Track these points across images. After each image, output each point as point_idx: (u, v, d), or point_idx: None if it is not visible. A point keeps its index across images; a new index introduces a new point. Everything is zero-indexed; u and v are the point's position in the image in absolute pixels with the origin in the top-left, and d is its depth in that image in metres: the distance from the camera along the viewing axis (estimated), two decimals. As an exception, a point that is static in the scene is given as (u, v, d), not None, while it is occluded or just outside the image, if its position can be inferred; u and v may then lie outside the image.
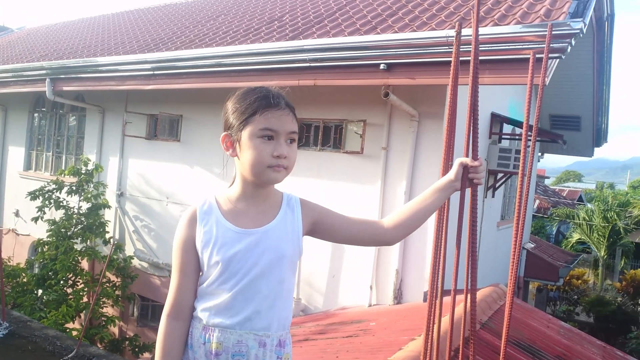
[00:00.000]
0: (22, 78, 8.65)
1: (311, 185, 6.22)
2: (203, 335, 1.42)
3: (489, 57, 4.24)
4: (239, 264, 1.40)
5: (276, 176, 1.42)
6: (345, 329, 4.68)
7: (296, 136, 1.46)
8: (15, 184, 10.31)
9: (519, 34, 4.14)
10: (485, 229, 7.57)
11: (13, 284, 7.06)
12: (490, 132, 7.39)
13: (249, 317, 1.40)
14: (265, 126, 1.40)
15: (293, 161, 1.46)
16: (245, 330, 1.40)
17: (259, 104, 1.41)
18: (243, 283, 1.40)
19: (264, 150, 1.39)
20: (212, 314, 1.42)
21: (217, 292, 1.42)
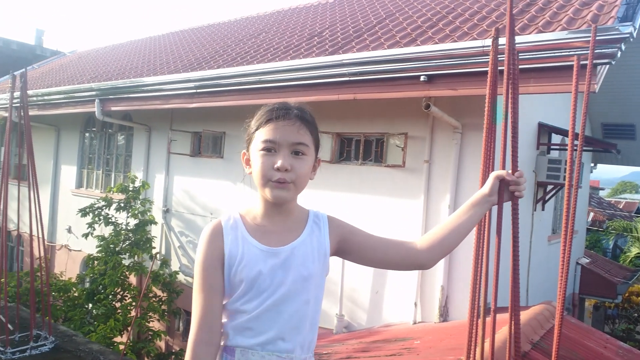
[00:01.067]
0: (73, 99, 9.00)
1: (352, 201, 6.16)
2: (223, 356, 1.37)
3: (533, 65, 4.10)
4: (264, 283, 1.35)
5: (279, 193, 1.35)
6: (388, 347, 4.57)
7: (304, 148, 1.38)
8: (68, 201, 10.70)
9: (564, 41, 3.99)
10: (536, 243, 7.28)
11: (64, 298, 7.28)
12: (538, 142, 7.15)
13: (272, 338, 1.35)
14: (265, 138, 1.36)
15: (301, 175, 1.38)
16: (268, 352, 1.35)
17: (263, 118, 1.39)
18: (268, 303, 1.35)
19: (264, 163, 1.35)
20: (233, 333, 1.37)
21: (240, 310, 1.37)
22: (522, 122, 6.98)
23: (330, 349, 4.86)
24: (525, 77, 4.24)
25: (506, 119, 1.56)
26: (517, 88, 1.55)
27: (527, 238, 7.05)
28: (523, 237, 6.95)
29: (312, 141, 1.42)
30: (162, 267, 7.77)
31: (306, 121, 1.41)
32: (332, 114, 6.34)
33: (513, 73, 1.54)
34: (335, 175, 6.33)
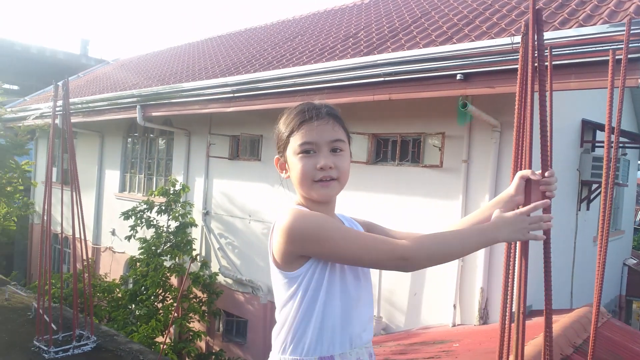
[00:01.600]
0: (116, 106, 9.27)
1: (389, 202, 6.12)
2: None
3: (573, 60, 3.97)
4: (346, 279, 1.38)
5: (326, 191, 1.37)
6: (427, 349, 4.51)
7: (342, 144, 1.40)
8: (112, 204, 11.02)
9: (603, 35, 3.85)
10: (580, 244, 7.05)
11: (109, 299, 7.50)
12: (582, 140, 6.92)
13: (359, 333, 1.38)
14: (303, 141, 1.37)
15: (344, 170, 1.39)
16: (359, 347, 1.38)
17: (295, 121, 1.39)
18: (351, 296, 1.38)
19: (306, 165, 1.36)
20: (325, 341, 1.34)
21: (328, 312, 1.35)
22: (564, 120, 6.80)
23: (368, 351, 4.83)
24: (565, 73, 4.11)
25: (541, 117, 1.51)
26: (545, 84, 1.49)
27: (572, 239, 6.84)
28: (567, 238, 6.74)
29: (346, 136, 1.44)
30: (202, 269, 7.91)
31: (337, 117, 1.43)
32: (368, 114, 6.31)
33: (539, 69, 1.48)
34: (371, 177, 6.30)
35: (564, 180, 6.55)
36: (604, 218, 1.50)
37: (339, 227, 1.36)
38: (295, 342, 1.35)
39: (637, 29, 3.59)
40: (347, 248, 1.29)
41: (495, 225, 1.36)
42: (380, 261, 1.31)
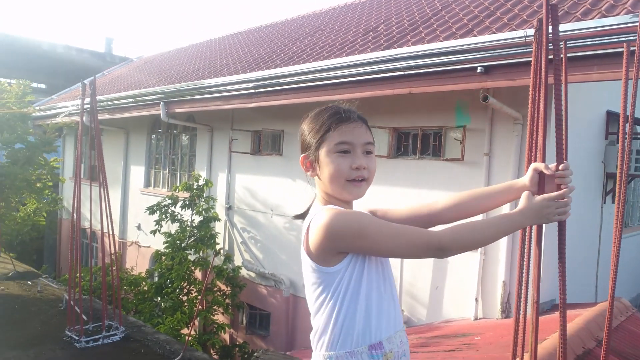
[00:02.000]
0: (140, 103, 9.44)
1: (410, 196, 6.12)
2: (374, 354, 1.38)
3: (595, 51, 3.92)
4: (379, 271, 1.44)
5: (358, 190, 1.43)
6: (448, 342, 4.53)
7: (372, 147, 1.47)
8: (137, 200, 11.24)
9: (627, 25, 3.79)
10: (605, 237, 6.95)
11: (135, 292, 7.67)
12: (607, 131, 6.81)
13: (395, 316, 1.44)
14: (340, 140, 1.41)
15: (373, 172, 1.46)
16: (400, 330, 1.44)
17: (331, 121, 1.43)
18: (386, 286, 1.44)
19: (341, 164, 1.40)
20: (377, 330, 1.39)
21: (370, 303, 1.40)
22: (589, 111, 6.71)
23: (389, 344, 4.87)
24: (587, 65, 4.07)
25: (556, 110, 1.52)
26: (560, 78, 1.51)
27: (596, 232, 6.74)
28: (592, 232, 6.66)
29: (373, 139, 1.50)
30: (226, 263, 8.02)
31: (365, 122, 1.50)
32: (388, 108, 6.32)
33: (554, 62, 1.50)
34: (392, 171, 6.31)
35: (589, 172, 6.46)
36: (618, 211, 1.51)
37: (377, 221, 1.40)
38: (344, 336, 1.37)
39: None
40: (385, 242, 1.35)
41: (521, 212, 1.41)
42: (418, 253, 1.39)
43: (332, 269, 1.37)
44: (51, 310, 3.99)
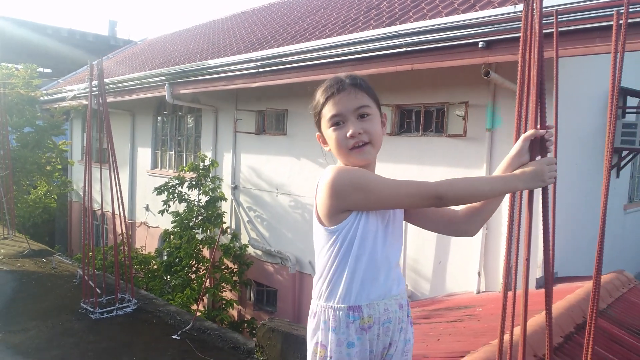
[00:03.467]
0: (145, 85, 9.49)
1: (414, 172, 6.18)
2: (350, 314, 1.46)
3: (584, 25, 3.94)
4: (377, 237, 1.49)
5: (361, 155, 1.49)
6: (450, 314, 4.63)
7: (368, 109, 1.50)
8: (144, 181, 11.37)
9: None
10: (609, 212, 7.00)
11: (145, 271, 7.84)
12: (611, 106, 6.81)
13: (388, 285, 1.51)
14: (331, 114, 1.50)
15: (375, 133, 1.50)
16: (388, 298, 1.50)
17: (322, 97, 1.52)
18: (379, 253, 1.49)
19: (338, 137, 1.49)
20: (358, 292, 1.47)
21: (355, 266, 1.47)
22: (591, 86, 6.69)
23: (394, 317, 4.99)
24: (589, 37, 4.09)
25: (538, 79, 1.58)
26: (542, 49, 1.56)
27: (599, 206, 6.79)
28: (594, 206, 6.70)
29: (372, 101, 1.54)
30: (232, 241, 8.16)
31: (360, 86, 1.53)
32: (391, 86, 6.35)
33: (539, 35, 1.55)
34: (396, 148, 6.37)
35: (595, 147, 6.49)
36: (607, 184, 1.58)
37: (378, 176, 1.49)
38: (329, 291, 1.49)
39: None
40: (387, 193, 1.43)
41: (516, 176, 1.49)
42: (418, 202, 1.45)
43: (332, 228, 1.47)
44: (66, 285, 4.13)
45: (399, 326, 1.52)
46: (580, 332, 3.48)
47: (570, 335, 3.41)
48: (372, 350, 1.48)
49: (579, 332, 3.48)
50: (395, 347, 1.52)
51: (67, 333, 3.21)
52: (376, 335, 1.47)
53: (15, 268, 5.09)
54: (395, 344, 1.52)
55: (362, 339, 1.46)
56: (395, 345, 1.53)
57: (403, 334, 1.55)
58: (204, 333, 3.18)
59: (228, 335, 3.10)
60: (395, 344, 1.52)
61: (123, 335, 3.17)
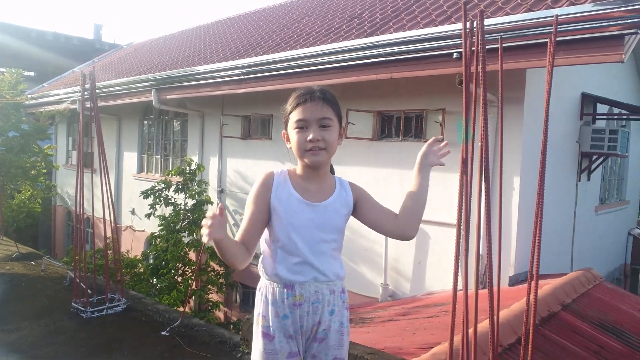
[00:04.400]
0: (131, 90, 9.63)
1: (394, 177, 6.42)
2: (285, 292, 1.73)
3: (563, 37, 4.21)
4: (305, 229, 1.73)
5: (315, 158, 1.73)
6: (427, 311, 4.86)
7: (329, 121, 1.74)
8: (131, 185, 11.48)
9: (595, 12, 4.07)
10: (581, 213, 7.31)
11: (132, 274, 7.96)
12: (582, 112, 7.13)
13: (321, 271, 1.74)
14: (297, 118, 1.73)
15: (331, 142, 1.74)
16: (320, 283, 1.74)
17: (294, 103, 1.76)
18: (310, 245, 1.73)
19: (299, 138, 1.72)
20: (289, 273, 1.73)
21: (289, 251, 1.74)
22: (562, 93, 7.03)
23: (374, 314, 5.21)
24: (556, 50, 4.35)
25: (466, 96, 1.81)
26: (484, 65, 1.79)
27: (572, 208, 7.10)
28: (567, 208, 7.01)
29: (335, 114, 1.78)
30: (219, 244, 8.30)
31: (327, 100, 1.77)
32: (373, 93, 6.59)
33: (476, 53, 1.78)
34: (377, 152, 6.60)
35: (565, 151, 6.79)
36: (540, 191, 1.81)
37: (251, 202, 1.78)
38: (263, 269, 1.79)
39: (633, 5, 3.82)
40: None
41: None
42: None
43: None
44: (56, 287, 4.27)
45: (328, 308, 1.74)
46: (544, 325, 3.73)
47: (535, 327, 3.64)
48: (303, 325, 1.72)
49: (543, 324, 3.73)
50: (325, 326, 1.75)
51: (59, 331, 3.36)
52: (306, 312, 1.71)
53: (5, 271, 5.20)
54: (324, 323, 1.74)
55: (294, 313, 1.71)
56: (326, 325, 1.75)
57: (337, 317, 1.78)
58: (191, 329, 3.36)
59: (215, 331, 3.28)
60: (325, 324, 1.74)
61: (114, 332, 3.33)
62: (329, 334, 1.75)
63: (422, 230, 6.24)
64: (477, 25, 1.86)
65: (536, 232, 1.87)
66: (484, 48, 1.85)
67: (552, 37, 1.84)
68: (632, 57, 9.28)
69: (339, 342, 1.78)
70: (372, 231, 1.92)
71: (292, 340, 1.72)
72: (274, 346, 1.71)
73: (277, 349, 1.71)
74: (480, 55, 1.85)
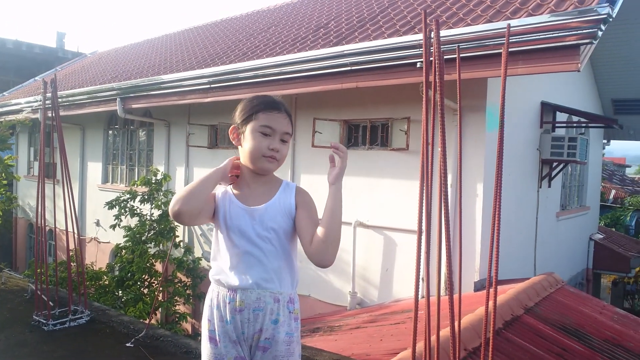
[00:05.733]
0: (96, 99, 9.47)
1: (361, 184, 6.48)
2: (228, 296, 1.73)
3: (521, 47, 4.36)
4: (245, 234, 1.73)
5: (269, 166, 1.76)
6: (395, 317, 4.91)
7: (289, 137, 1.80)
8: (95, 196, 11.24)
9: (549, 23, 4.23)
10: (543, 219, 7.51)
11: (96, 286, 7.78)
12: (542, 121, 7.35)
13: (264, 278, 1.72)
14: (265, 124, 1.74)
15: (283, 156, 1.79)
16: (262, 290, 1.72)
17: (263, 105, 1.77)
18: (249, 249, 1.73)
19: (261, 143, 1.73)
20: (232, 278, 1.73)
21: (231, 256, 1.75)
22: (523, 102, 7.24)
23: (342, 322, 5.22)
24: (515, 59, 4.50)
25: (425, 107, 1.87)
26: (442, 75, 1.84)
27: (534, 214, 7.28)
28: (529, 214, 7.19)
29: (292, 130, 1.83)
30: (186, 254, 8.21)
31: (289, 116, 1.82)
32: (339, 102, 6.65)
33: (435, 62, 1.83)
34: (344, 161, 6.65)
35: (526, 159, 6.98)
36: (497, 194, 1.86)
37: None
38: (211, 272, 1.81)
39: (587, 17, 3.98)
40: None
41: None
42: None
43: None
44: (17, 299, 4.14)
45: (271, 317, 1.71)
46: (508, 328, 3.81)
47: (498, 331, 3.73)
48: (244, 331, 1.71)
49: (506, 328, 3.81)
50: (268, 335, 1.70)
51: (21, 344, 3.26)
52: (247, 318, 1.70)
53: (-39, 285, 5.03)
54: (266, 332, 1.70)
55: (235, 319, 1.71)
56: (269, 334, 1.70)
57: (282, 326, 1.71)
58: (157, 340, 3.31)
59: (181, 341, 3.24)
60: (268, 332, 1.70)
61: (77, 345, 3.26)
62: (273, 343, 1.71)
63: (389, 238, 6.31)
64: (434, 35, 1.91)
65: (494, 239, 1.92)
66: (441, 57, 1.91)
67: (505, 47, 1.91)
68: (589, 67, 9.63)
69: (286, 352, 1.73)
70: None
71: (237, 345, 1.72)
72: (220, 350, 1.72)
73: (223, 353, 1.72)
74: (437, 63, 1.90)
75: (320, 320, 5.58)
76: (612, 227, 19.63)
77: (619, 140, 12.54)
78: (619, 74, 9.67)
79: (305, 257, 1.76)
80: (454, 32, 4.75)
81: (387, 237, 6.33)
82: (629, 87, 10.03)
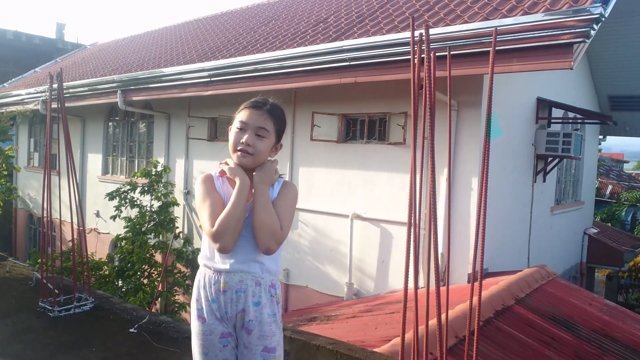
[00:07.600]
0: (96, 91, 9.54)
1: (359, 177, 6.59)
2: (213, 278, 1.85)
3: (516, 45, 4.46)
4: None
5: (242, 160, 1.86)
6: (389, 307, 5.03)
7: (265, 132, 1.87)
8: (95, 187, 11.34)
9: (544, 22, 4.32)
10: (537, 214, 7.63)
11: (96, 276, 7.90)
12: (537, 116, 7.45)
13: (246, 262, 1.84)
14: (240, 120, 1.88)
15: (260, 151, 1.86)
16: (245, 273, 1.85)
17: (243, 106, 1.92)
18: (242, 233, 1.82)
19: (235, 137, 1.87)
20: (218, 261, 1.85)
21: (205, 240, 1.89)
22: (519, 98, 7.35)
23: (339, 312, 5.35)
24: (509, 57, 4.60)
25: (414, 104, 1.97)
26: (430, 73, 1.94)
27: (528, 208, 7.40)
28: (523, 208, 7.31)
29: (274, 129, 1.91)
30: (185, 245, 8.33)
31: (272, 114, 1.91)
32: (338, 96, 6.75)
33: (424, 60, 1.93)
34: (342, 154, 6.77)
35: (521, 154, 7.09)
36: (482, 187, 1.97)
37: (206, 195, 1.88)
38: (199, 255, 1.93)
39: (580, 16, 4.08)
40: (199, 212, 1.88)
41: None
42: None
43: None
44: (22, 287, 4.26)
45: (253, 299, 1.84)
46: (499, 317, 3.94)
47: (489, 319, 3.85)
48: (227, 311, 1.84)
49: (497, 317, 3.94)
50: (252, 317, 1.84)
51: (27, 330, 3.38)
52: (229, 299, 1.83)
53: (-34, 273, 5.14)
54: (250, 314, 1.84)
55: (219, 299, 1.83)
56: (253, 316, 1.84)
57: (264, 308, 1.85)
58: (159, 326, 3.42)
59: (183, 327, 3.36)
60: (251, 314, 1.84)
61: (82, 330, 3.37)
62: (257, 325, 1.84)
63: (386, 230, 6.43)
64: (425, 33, 2.02)
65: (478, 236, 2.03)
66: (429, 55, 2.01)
67: (492, 47, 2.02)
68: (586, 64, 9.73)
69: (268, 332, 1.86)
70: (336, 231, 1.99)
71: (222, 322, 1.85)
72: (208, 327, 1.84)
73: (211, 329, 1.84)
74: (426, 60, 2.01)
75: (317, 310, 5.71)
76: (608, 222, 19.81)
77: (615, 136, 12.64)
78: (615, 71, 9.76)
79: (303, 250, 1.89)
80: (447, 30, 4.83)
81: (383, 229, 6.45)
82: (625, 84, 10.13)
